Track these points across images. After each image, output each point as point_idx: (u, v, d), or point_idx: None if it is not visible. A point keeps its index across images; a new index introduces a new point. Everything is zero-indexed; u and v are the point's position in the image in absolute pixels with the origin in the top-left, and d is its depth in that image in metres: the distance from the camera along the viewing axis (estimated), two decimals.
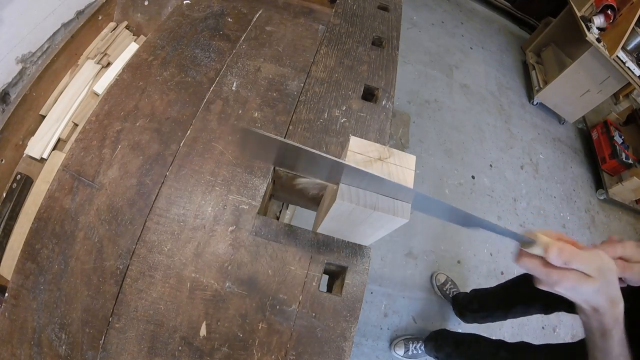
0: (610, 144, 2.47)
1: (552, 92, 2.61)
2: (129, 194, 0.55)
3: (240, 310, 0.50)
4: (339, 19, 0.83)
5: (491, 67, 2.88)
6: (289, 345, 0.49)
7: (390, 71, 0.76)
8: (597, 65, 2.27)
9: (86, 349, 0.49)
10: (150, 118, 0.62)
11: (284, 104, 0.68)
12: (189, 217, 0.54)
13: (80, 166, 0.57)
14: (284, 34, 0.80)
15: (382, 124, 0.67)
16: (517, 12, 3.39)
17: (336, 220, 0.47)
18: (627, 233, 2.44)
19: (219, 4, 0.83)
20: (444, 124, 2.33)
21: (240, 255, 0.53)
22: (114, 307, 0.50)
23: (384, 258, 1.72)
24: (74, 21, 0.94)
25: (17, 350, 0.50)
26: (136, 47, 0.96)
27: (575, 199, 2.40)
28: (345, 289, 0.53)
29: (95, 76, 0.93)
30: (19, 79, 0.84)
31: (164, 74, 0.68)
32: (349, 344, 0.50)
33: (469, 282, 1.80)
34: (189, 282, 0.51)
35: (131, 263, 0.52)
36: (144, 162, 0.58)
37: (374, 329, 1.55)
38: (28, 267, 0.52)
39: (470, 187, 2.12)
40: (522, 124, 2.62)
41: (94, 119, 0.61)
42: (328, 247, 0.54)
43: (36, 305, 0.51)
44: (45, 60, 0.85)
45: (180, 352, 0.49)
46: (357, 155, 0.42)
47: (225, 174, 0.58)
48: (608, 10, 2.27)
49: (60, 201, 0.55)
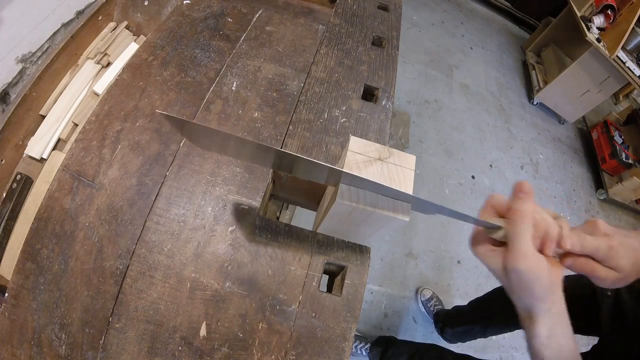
0: (610, 144, 2.47)
1: (552, 92, 2.61)
2: (129, 194, 0.55)
3: (240, 310, 0.50)
4: (339, 19, 0.83)
5: (491, 67, 2.88)
6: (289, 345, 0.49)
7: (390, 71, 0.76)
8: (597, 65, 2.27)
9: (86, 349, 0.49)
10: (150, 118, 0.62)
11: (284, 104, 0.68)
12: (189, 217, 0.54)
13: (80, 166, 0.57)
14: (284, 34, 0.80)
15: (382, 124, 0.67)
16: (517, 12, 3.39)
17: (336, 220, 0.47)
18: None
19: (219, 4, 0.83)
20: (444, 124, 2.33)
21: (240, 255, 0.53)
22: (114, 307, 0.50)
23: (384, 258, 1.72)
24: (74, 21, 0.94)
25: (17, 351, 0.50)
26: (136, 47, 0.96)
27: (575, 199, 2.40)
28: (345, 289, 0.53)
29: (95, 76, 0.92)
30: (19, 79, 0.84)
31: (164, 74, 0.68)
32: (349, 344, 0.50)
33: (469, 282, 1.80)
34: (189, 282, 0.51)
35: (131, 263, 0.52)
36: (143, 162, 0.58)
37: (374, 329, 1.55)
38: (28, 267, 0.52)
39: (470, 187, 2.12)
40: (522, 124, 2.62)
41: (94, 119, 0.61)
42: (328, 247, 0.54)
43: (36, 305, 0.51)
44: (45, 60, 0.85)
45: (180, 352, 0.49)
46: (357, 155, 0.42)
47: (225, 174, 0.58)
48: (608, 10, 2.27)
49: (60, 201, 0.55)
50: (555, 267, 0.36)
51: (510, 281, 0.37)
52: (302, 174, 0.40)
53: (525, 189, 0.37)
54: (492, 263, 0.38)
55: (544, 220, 0.37)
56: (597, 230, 0.38)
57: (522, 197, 0.37)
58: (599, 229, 0.39)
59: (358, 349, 1.42)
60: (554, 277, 0.36)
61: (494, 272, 0.39)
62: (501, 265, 0.37)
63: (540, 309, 0.37)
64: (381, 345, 1.34)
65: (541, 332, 0.38)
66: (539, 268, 0.35)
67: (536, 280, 0.35)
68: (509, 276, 0.37)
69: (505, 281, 0.38)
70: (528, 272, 0.35)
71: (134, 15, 1.02)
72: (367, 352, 1.41)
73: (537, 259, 0.35)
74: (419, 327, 1.62)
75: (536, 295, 0.37)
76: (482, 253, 0.40)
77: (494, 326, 1.21)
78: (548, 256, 0.36)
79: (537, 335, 0.38)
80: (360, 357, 1.43)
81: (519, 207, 0.36)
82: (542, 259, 0.35)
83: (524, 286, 0.36)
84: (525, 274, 0.35)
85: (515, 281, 0.36)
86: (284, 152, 0.34)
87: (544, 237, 0.37)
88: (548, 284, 0.36)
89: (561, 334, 0.38)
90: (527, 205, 0.36)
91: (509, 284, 0.38)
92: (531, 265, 0.35)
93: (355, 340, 1.42)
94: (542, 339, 0.38)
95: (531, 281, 0.35)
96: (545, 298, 0.37)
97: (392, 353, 1.27)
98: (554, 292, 0.37)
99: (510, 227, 0.36)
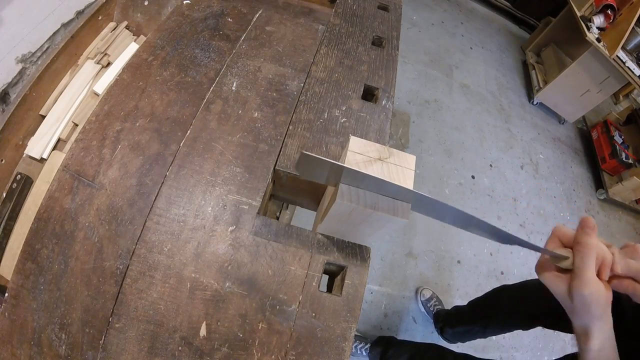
0: (610, 143, 2.47)
1: (552, 92, 2.61)
2: (129, 194, 0.55)
3: (240, 310, 0.50)
4: (339, 19, 0.83)
5: (491, 67, 2.88)
6: (288, 345, 0.49)
7: (390, 71, 0.76)
8: (597, 65, 2.27)
9: (86, 349, 0.49)
10: (150, 118, 0.62)
11: (284, 104, 0.68)
12: (189, 217, 0.54)
13: (80, 166, 0.57)
14: (284, 34, 0.80)
15: (382, 124, 0.67)
16: (517, 12, 3.39)
17: (336, 220, 0.47)
18: (627, 233, 2.44)
19: (219, 4, 0.83)
20: (444, 124, 2.33)
21: (240, 255, 0.53)
22: (114, 307, 0.50)
23: (384, 258, 1.72)
24: (74, 21, 0.94)
25: (17, 351, 0.50)
26: (136, 47, 0.96)
27: (575, 199, 2.40)
28: (345, 289, 0.53)
29: (95, 76, 0.92)
30: (19, 79, 0.84)
31: (163, 74, 0.68)
32: (349, 344, 0.50)
33: (469, 282, 1.80)
34: (189, 282, 0.51)
35: (131, 263, 0.52)
36: (144, 162, 0.58)
37: (374, 329, 1.55)
38: (28, 267, 0.52)
39: (470, 187, 2.12)
40: (522, 124, 2.62)
41: (94, 119, 0.61)
42: (328, 247, 0.54)
43: (36, 306, 0.51)
44: (45, 60, 0.85)
45: (180, 352, 0.49)
46: (357, 155, 0.42)
47: (225, 174, 0.58)
48: (608, 10, 2.27)
49: (60, 201, 0.55)
50: (608, 289, 0.42)
51: (574, 303, 0.43)
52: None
53: (590, 224, 0.42)
54: (559, 288, 0.44)
55: (601, 249, 0.42)
56: (637, 255, 0.44)
57: (588, 233, 0.42)
58: (639, 253, 0.44)
59: (358, 349, 1.42)
60: (608, 298, 0.42)
61: (558, 295, 0.45)
62: (566, 290, 0.43)
63: (596, 326, 0.43)
64: (381, 346, 1.33)
65: (595, 347, 0.44)
66: (599, 292, 0.41)
67: (596, 302, 0.41)
68: (574, 299, 0.42)
69: (568, 303, 0.44)
70: (590, 295, 0.41)
71: (134, 15, 1.02)
72: (367, 352, 1.40)
73: (598, 285, 0.41)
74: (419, 327, 1.62)
75: (594, 315, 0.43)
76: (549, 279, 0.45)
77: (494, 326, 1.21)
78: (603, 280, 0.42)
79: (591, 349, 0.44)
80: (360, 357, 1.43)
81: (586, 241, 0.41)
82: (601, 284, 0.41)
83: (586, 308, 0.42)
84: (588, 297, 0.41)
85: (578, 303, 0.42)
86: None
87: (601, 264, 0.42)
88: (604, 304, 0.42)
89: (609, 348, 0.45)
90: (592, 240, 0.41)
91: (572, 305, 0.43)
92: (594, 291, 0.41)
93: (355, 340, 1.42)
94: (594, 352, 0.44)
95: (592, 303, 0.41)
96: (601, 317, 0.43)
97: (392, 353, 1.27)
98: (607, 311, 0.43)
99: (578, 258, 0.42)
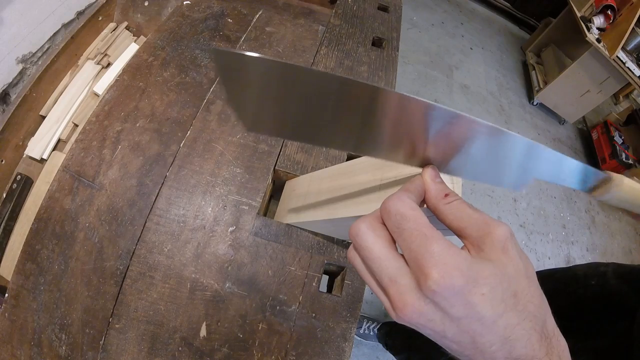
0: (610, 144, 2.47)
1: (552, 93, 2.61)
2: (129, 194, 0.55)
3: (240, 310, 0.50)
4: (339, 20, 0.83)
5: (491, 67, 2.88)
6: (289, 346, 0.49)
7: (390, 72, 0.76)
8: (597, 65, 2.27)
9: (86, 350, 0.49)
10: (151, 118, 0.62)
11: None
12: (189, 217, 0.54)
13: (80, 167, 0.57)
14: (284, 35, 0.80)
15: None
16: (517, 12, 3.39)
17: (330, 223, 0.47)
18: (628, 233, 2.44)
19: (219, 4, 0.83)
20: None
21: (240, 256, 0.53)
22: (114, 308, 0.50)
23: None
24: (74, 22, 0.94)
25: (17, 351, 0.50)
26: (136, 47, 0.96)
27: (575, 199, 2.40)
28: (345, 289, 0.53)
29: (96, 77, 0.92)
30: (19, 80, 0.84)
31: (164, 74, 0.68)
32: (349, 344, 0.50)
33: None
34: (189, 282, 0.51)
35: (131, 264, 0.52)
36: (144, 163, 0.58)
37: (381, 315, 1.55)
38: (28, 268, 0.52)
39: (470, 187, 2.12)
40: (522, 125, 2.62)
41: (94, 119, 0.61)
42: (328, 247, 0.54)
43: (36, 306, 0.51)
44: (46, 60, 0.85)
45: (181, 353, 0.49)
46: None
47: (225, 174, 0.58)
48: (608, 11, 2.27)
49: (60, 202, 0.55)
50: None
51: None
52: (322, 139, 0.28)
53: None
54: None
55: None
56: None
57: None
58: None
59: (366, 328, 1.45)
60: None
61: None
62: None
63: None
64: (388, 326, 1.38)
65: None
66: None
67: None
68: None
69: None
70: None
71: (134, 15, 1.02)
72: (374, 331, 1.44)
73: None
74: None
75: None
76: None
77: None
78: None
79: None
80: (369, 338, 1.45)
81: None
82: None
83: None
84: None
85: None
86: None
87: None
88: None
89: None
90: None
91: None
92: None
93: (363, 320, 1.46)
94: None
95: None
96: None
97: (396, 329, 1.31)
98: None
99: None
